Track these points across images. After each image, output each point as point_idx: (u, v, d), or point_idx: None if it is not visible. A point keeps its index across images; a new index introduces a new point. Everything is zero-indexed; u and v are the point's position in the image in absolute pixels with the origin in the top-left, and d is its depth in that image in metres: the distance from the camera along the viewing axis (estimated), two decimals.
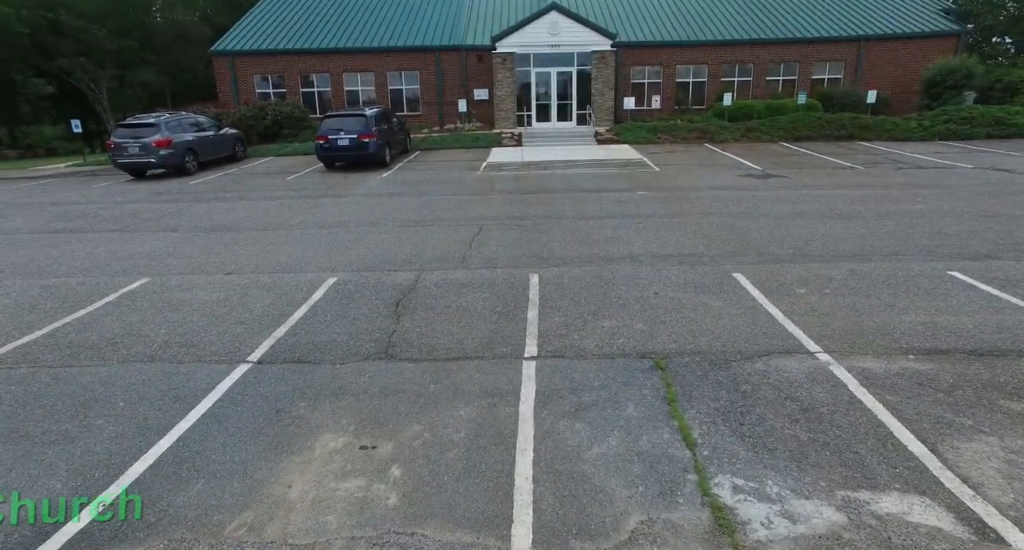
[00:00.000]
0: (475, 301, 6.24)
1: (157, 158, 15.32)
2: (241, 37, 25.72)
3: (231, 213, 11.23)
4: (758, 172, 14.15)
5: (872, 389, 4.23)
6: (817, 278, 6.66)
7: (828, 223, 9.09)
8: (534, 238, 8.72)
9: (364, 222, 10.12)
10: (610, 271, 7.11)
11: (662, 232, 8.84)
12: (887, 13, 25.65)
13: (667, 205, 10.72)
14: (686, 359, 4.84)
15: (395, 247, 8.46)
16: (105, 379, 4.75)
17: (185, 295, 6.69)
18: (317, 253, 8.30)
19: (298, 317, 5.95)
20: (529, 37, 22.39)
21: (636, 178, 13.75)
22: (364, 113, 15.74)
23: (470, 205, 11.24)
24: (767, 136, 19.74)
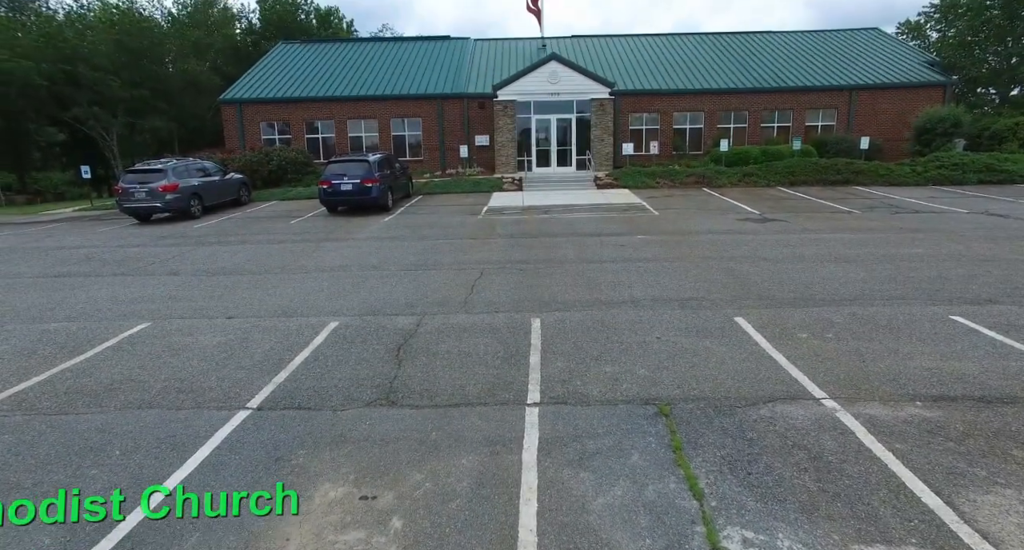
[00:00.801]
0: (477, 346, 6.21)
1: (163, 203, 15.55)
2: (249, 86, 26.54)
3: (234, 257, 11.31)
4: (756, 216, 14.33)
5: (881, 437, 4.16)
6: (819, 322, 6.65)
7: (828, 267, 9.14)
8: (535, 282, 8.75)
9: (366, 266, 10.18)
10: (612, 315, 7.10)
11: (663, 276, 8.88)
12: (876, 64, 26.54)
13: (667, 249, 10.80)
14: (690, 405, 4.78)
15: (397, 291, 8.48)
16: (101, 427, 4.68)
17: (185, 340, 6.66)
18: (319, 297, 8.31)
19: (299, 362, 5.91)
20: (529, 85, 23.10)
21: (636, 222, 13.91)
22: (367, 159, 16.06)
23: (471, 249, 11.33)
24: (764, 181, 20.07)
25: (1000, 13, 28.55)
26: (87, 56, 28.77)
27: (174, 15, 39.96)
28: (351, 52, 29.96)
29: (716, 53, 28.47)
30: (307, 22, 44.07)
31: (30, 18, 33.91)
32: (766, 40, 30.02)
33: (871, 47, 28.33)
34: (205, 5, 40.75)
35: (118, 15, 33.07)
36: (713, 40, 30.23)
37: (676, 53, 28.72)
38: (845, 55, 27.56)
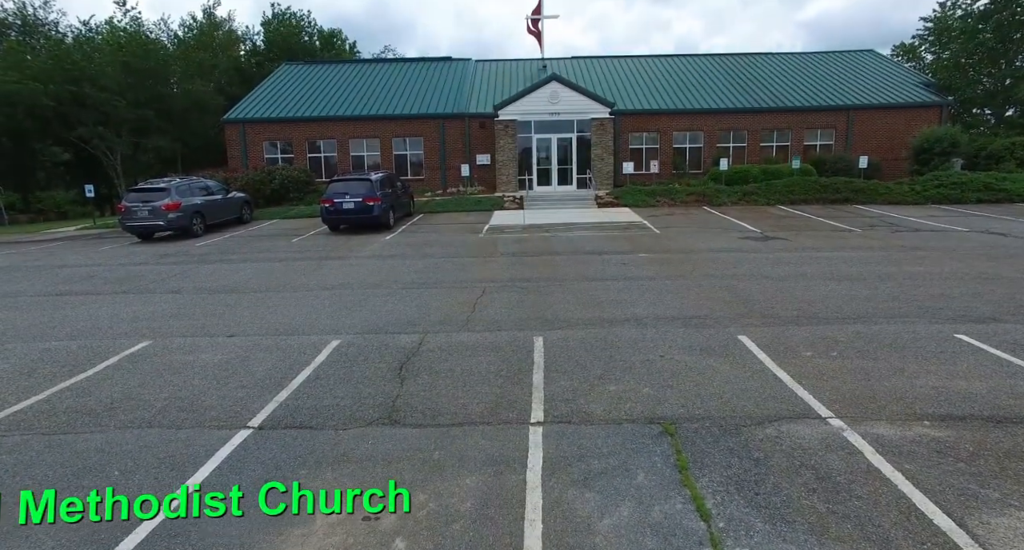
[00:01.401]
0: (479, 364, 6.17)
1: (165, 221, 15.62)
2: (252, 106, 26.85)
3: (235, 275, 11.31)
4: (757, 234, 14.36)
5: (889, 457, 4.11)
6: (823, 341, 6.62)
7: (830, 285, 9.13)
8: (537, 300, 8.74)
9: (368, 284, 10.18)
10: (614, 334, 7.08)
11: (665, 294, 8.87)
12: (873, 85, 26.86)
13: (669, 267, 10.81)
14: (695, 424, 4.73)
15: (399, 309, 8.47)
16: (101, 446, 4.63)
17: (187, 358, 6.63)
18: (321, 315, 8.29)
19: (300, 380, 5.87)
20: (530, 105, 23.36)
21: (637, 240, 13.94)
22: (369, 177, 16.18)
23: (473, 267, 11.34)
24: (764, 199, 20.17)
25: (992, 36, 28.98)
26: (94, 77, 29.15)
27: (180, 37, 40.55)
28: (353, 73, 30.37)
29: (715, 74, 28.84)
30: (310, 44, 44.71)
31: (39, 41, 34.43)
32: (764, 61, 30.43)
33: (868, 68, 28.69)
34: (211, 27, 41.39)
35: (125, 38, 33.56)
36: (711, 61, 30.65)
37: (675, 74, 29.10)
38: (842, 76, 27.91)
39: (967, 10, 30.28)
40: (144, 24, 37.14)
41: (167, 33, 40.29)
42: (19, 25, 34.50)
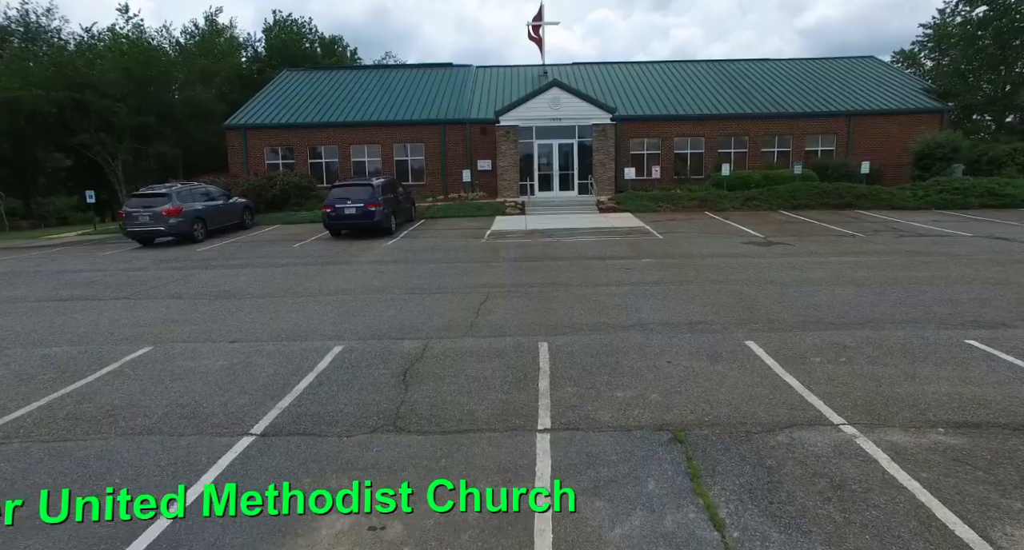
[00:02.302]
0: (484, 370, 6.10)
1: (166, 226, 15.57)
2: (253, 112, 26.87)
3: (237, 280, 11.25)
4: (760, 240, 14.31)
5: (905, 465, 4.03)
6: (832, 346, 6.55)
7: (836, 290, 9.07)
8: (542, 306, 8.67)
9: (370, 289, 10.11)
10: (620, 339, 7.01)
11: (670, 300, 8.80)
12: (874, 91, 26.89)
13: (673, 272, 10.74)
14: (706, 431, 4.66)
15: (401, 315, 8.40)
16: (101, 454, 4.55)
17: (188, 364, 6.55)
18: (323, 321, 8.22)
19: (303, 387, 5.80)
20: (532, 111, 23.38)
21: (640, 245, 13.89)
22: (371, 183, 16.15)
23: (476, 273, 11.28)
24: (766, 205, 20.14)
25: (992, 43, 29.05)
26: (95, 84, 29.20)
27: (182, 44, 40.66)
28: (354, 79, 30.42)
29: (716, 80, 28.89)
30: (311, 50, 44.83)
31: (42, 48, 34.52)
32: (765, 67, 30.49)
33: (868, 74, 28.74)
34: (212, 34, 41.52)
35: (127, 45, 33.64)
36: (712, 67, 30.71)
37: (676, 80, 29.15)
38: (843, 82, 27.95)
39: (966, 17, 30.39)
40: (146, 31, 37.22)
41: (169, 40, 40.38)
42: (22, 32, 34.59)
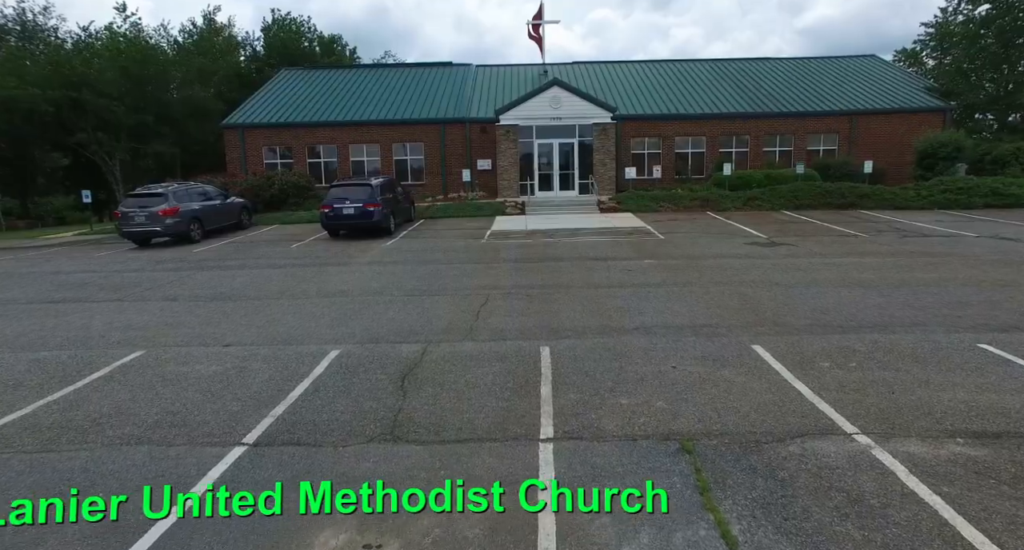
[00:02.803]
0: (485, 376, 5.93)
1: (162, 227, 15.40)
2: (251, 111, 26.70)
3: (233, 281, 11.07)
4: (764, 240, 14.14)
5: (925, 478, 3.85)
6: (840, 351, 6.38)
7: (843, 292, 8.90)
8: (543, 308, 8.50)
9: (368, 291, 9.94)
10: (624, 343, 6.84)
11: (673, 302, 8.63)
12: (876, 90, 26.72)
13: (676, 274, 10.57)
14: (714, 441, 4.49)
15: (400, 317, 8.23)
16: (85, 465, 4.37)
17: (180, 369, 6.38)
18: (320, 324, 8.05)
19: (298, 393, 5.63)
20: (532, 110, 23.20)
21: (642, 246, 13.72)
22: (369, 183, 15.97)
23: (476, 274, 11.11)
24: (768, 205, 19.97)
25: (994, 41, 28.84)
26: (92, 83, 28.99)
27: (180, 43, 40.45)
28: (353, 78, 30.24)
29: (716, 79, 28.71)
30: (310, 49, 44.60)
31: (39, 47, 34.30)
32: (766, 66, 30.31)
33: (870, 73, 28.58)
34: (211, 33, 41.31)
35: (124, 43, 33.42)
36: (713, 66, 30.53)
37: (677, 79, 28.97)
38: (845, 81, 27.78)
39: (969, 15, 30.18)
40: (144, 30, 37.00)
41: (167, 39, 40.16)
42: (18, 30, 34.37)
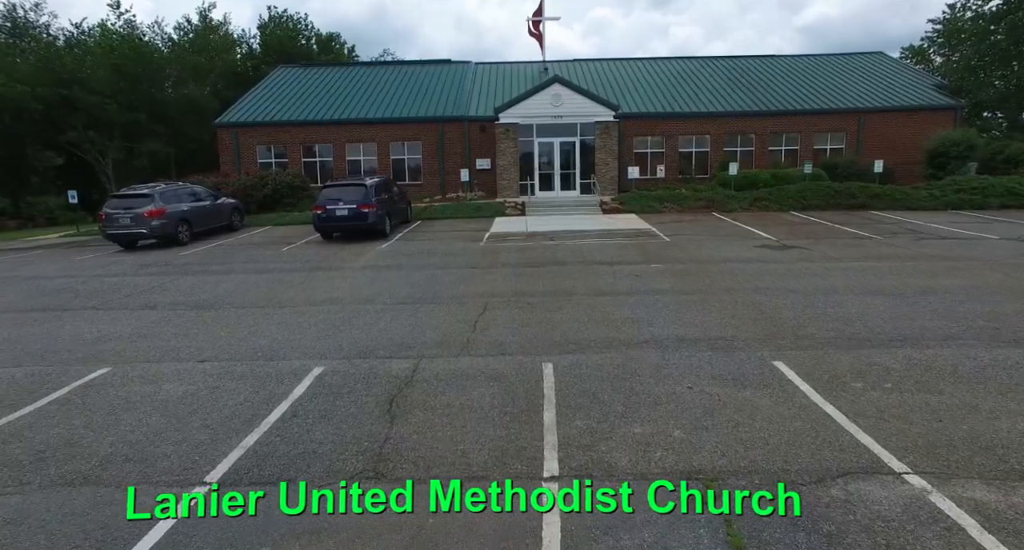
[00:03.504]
0: (481, 398, 5.36)
1: (148, 229, 14.81)
2: (246, 110, 26.11)
3: (217, 287, 10.50)
4: (774, 243, 13.56)
5: (1004, 537, 3.26)
6: (872, 368, 5.81)
7: (865, 300, 8.32)
8: (545, 318, 7.93)
9: (359, 299, 9.37)
10: (633, 359, 6.27)
11: (685, 311, 8.06)
12: (884, 88, 26.13)
13: (685, 280, 10.00)
14: (743, 481, 3.91)
15: (391, 329, 7.65)
16: (14, 515, 3.78)
17: (147, 389, 5.80)
18: (305, 336, 7.48)
19: (274, 419, 5.06)
20: (532, 108, 22.60)
21: (647, 249, 13.14)
22: (364, 183, 15.38)
23: (473, 280, 10.53)
24: (775, 205, 19.39)
25: (1005, 38, 28.28)
26: (84, 80, 28.41)
27: (175, 40, 39.86)
28: (350, 76, 29.63)
29: (720, 76, 28.11)
30: (308, 47, 44.02)
31: (29, 44, 33.70)
32: (771, 64, 29.71)
33: (877, 71, 27.98)
34: (206, 31, 40.72)
35: (117, 40, 32.83)
36: (717, 63, 29.92)
37: (680, 76, 28.37)
38: (852, 78, 27.18)
39: (978, 11, 29.60)
40: (138, 27, 36.40)
41: (161, 36, 39.55)
42: (9, 27, 33.76)
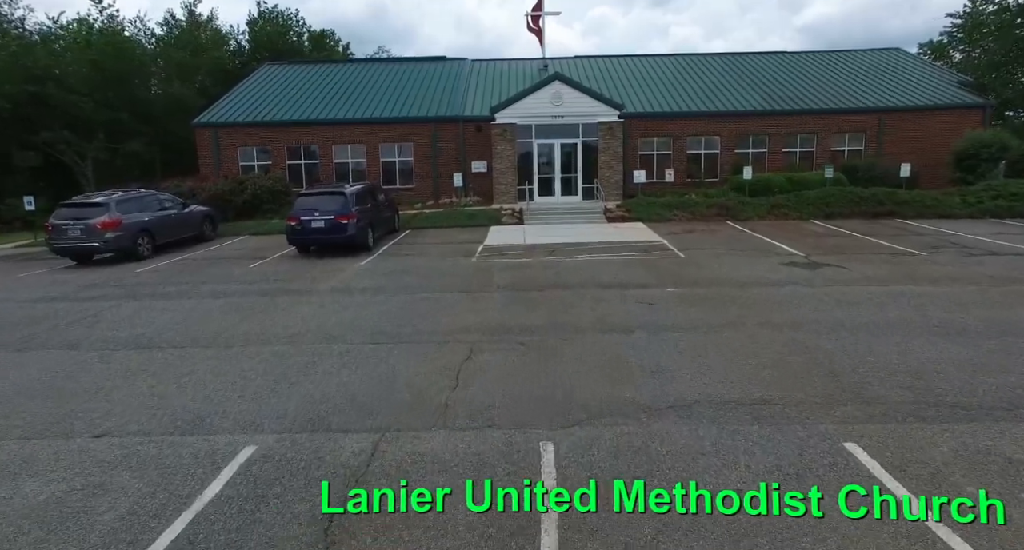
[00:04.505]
0: (455, 508, 3.85)
1: (101, 242, 13.25)
2: (227, 109, 24.62)
3: (161, 317, 8.99)
4: (802, 259, 12.04)
5: None
6: (988, 458, 4.32)
7: (934, 342, 6.81)
8: (543, 368, 6.42)
9: (323, 335, 7.86)
10: (657, 437, 4.78)
11: (714, 355, 6.55)
12: (905, 85, 24.60)
13: (708, 309, 8.48)
14: None
15: (353, 382, 6.15)
16: None
17: (1, 492, 4.29)
18: (245, 392, 5.97)
19: (163, 545, 3.56)
20: (531, 107, 21.06)
21: (660, 267, 11.62)
22: (343, 191, 13.81)
23: (460, 309, 9.01)
24: (795, 213, 17.86)
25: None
26: (59, 77, 26.87)
27: (157, 36, 38.32)
28: (340, 74, 28.08)
29: (730, 74, 26.55)
30: (299, 44, 42.43)
31: (1, 39, 32.13)
32: (783, 60, 28.16)
33: (897, 67, 26.43)
34: (192, 26, 39.15)
35: (94, 35, 31.28)
36: (726, 60, 28.35)
37: (687, 74, 26.82)
38: (870, 76, 25.63)
39: (1001, 4, 28.00)
40: (120, 22, 34.77)
41: (144, 31, 37.99)
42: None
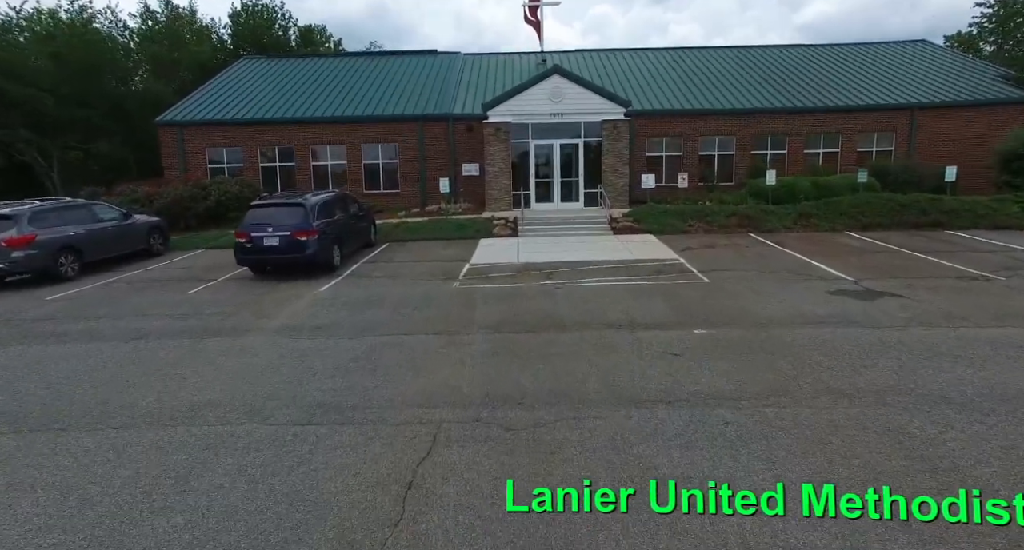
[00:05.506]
0: None
1: (8, 263, 11.12)
2: (195, 106, 22.53)
3: (37, 374, 6.92)
4: (852, 286, 9.98)
5: None
6: None
7: None
8: (535, 470, 4.34)
9: (239, 408, 5.80)
10: None
11: (779, 457, 4.49)
12: (938, 79, 22.55)
13: (750, 366, 6.41)
14: None
15: (259, 497, 4.10)
16: None
17: None
18: (82, 525, 3.90)
19: None
20: (527, 104, 18.94)
21: (680, 297, 9.54)
22: (302, 202, 11.68)
23: (428, 363, 6.93)
24: (826, 223, 15.80)
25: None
26: (15, 71, 24.75)
27: (133, 29, 36.17)
28: (323, 69, 25.97)
29: (744, 68, 24.49)
30: (285, 39, 40.26)
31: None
32: (799, 54, 26.09)
33: (926, 61, 24.38)
34: (171, 19, 37.00)
35: (60, 27, 29.13)
36: (739, 54, 26.28)
37: (697, 69, 24.73)
38: (898, 70, 23.58)
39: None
40: (91, 14, 32.61)
41: (117, 24, 35.85)
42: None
